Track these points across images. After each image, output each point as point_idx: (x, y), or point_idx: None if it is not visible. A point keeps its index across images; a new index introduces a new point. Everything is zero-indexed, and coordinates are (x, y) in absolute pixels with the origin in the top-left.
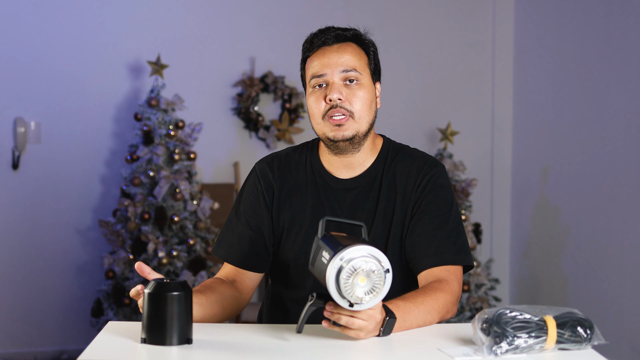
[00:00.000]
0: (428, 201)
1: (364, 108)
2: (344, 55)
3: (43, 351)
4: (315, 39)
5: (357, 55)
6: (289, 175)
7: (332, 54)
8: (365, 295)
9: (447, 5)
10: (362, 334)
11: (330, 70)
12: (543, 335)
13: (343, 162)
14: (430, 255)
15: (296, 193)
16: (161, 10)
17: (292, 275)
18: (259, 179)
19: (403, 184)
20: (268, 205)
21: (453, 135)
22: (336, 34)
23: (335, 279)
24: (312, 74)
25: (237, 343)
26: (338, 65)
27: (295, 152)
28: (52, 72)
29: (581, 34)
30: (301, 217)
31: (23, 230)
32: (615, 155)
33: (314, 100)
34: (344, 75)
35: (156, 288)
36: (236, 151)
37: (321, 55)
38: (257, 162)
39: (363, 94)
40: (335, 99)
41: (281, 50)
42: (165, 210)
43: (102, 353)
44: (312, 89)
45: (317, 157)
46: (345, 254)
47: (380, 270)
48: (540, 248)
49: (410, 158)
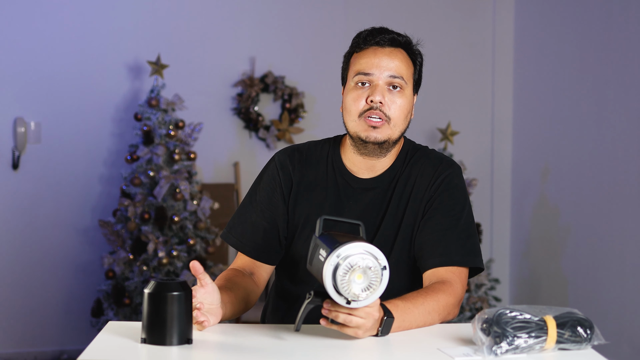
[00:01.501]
0: (441, 200)
1: (401, 116)
2: (395, 61)
3: (43, 351)
4: (369, 37)
5: (406, 63)
6: (309, 170)
7: (384, 56)
8: (362, 292)
9: (447, 5)
10: (360, 332)
11: (379, 71)
12: (543, 335)
13: (367, 163)
14: (437, 255)
15: (315, 189)
16: (161, 10)
17: (302, 271)
18: (278, 170)
19: (418, 182)
20: (285, 197)
21: (453, 135)
22: (391, 38)
23: (332, 276)
24: (358, 70)
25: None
26: (387, 69)
27: (317, 146)
28: (52, 72)
29: (581, 34)
30: (318, 214)
31: (23, 230)
32: (615, 155)
33: (354, 97)
34: (390, 80)
35: (156, 288)
36: (236, 151)
37: (372, 54)
38: (277, 152)
39: (403, 103)
40: (377, 101)
41: (281, 50)
42: (165, 210)
43: (102, 353)
44: (354, 85)
45: (339, 154)
46: (341, 250)
47: (377, 267)
48: (540, 248)
49: (426, 158)
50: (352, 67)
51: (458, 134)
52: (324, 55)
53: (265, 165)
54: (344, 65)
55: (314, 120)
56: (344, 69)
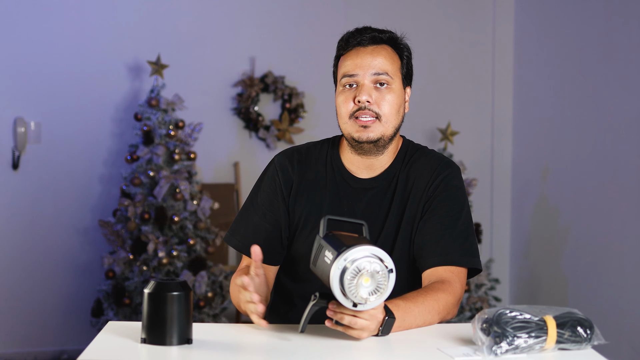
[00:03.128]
0: (439, 201)
1: (392, 112)
2: (377, 58)
3: (43, 351)
4: (351, 39)
5: (390, 58)
6: (308, 169)
7: (366, 55)
8: (370, 295)
9: (447, 5)
10: (364, 334)
11: (362, 71)
12: (543, 335)
13: (365, 162)
14: (436, 255)
15: (314, 188)
16: (161, 10)
17: (302, 269)
18: (278, 172)
19: (416, 182)
20: (285, 199)
21: (453, 135)
22: (372, 36)
23: (339, 280)
24: (343, 73)
25: (237, 343)
26: (370, 68)
27: (316, 147)
28: (52, 72)
29: (581, 34)
30: (317, 213)
31: (23, 230)
32: (615, 155)
33: (343, 100)
34: (375, 78)
35: (156, 288)
36: (236, 151)
37: (355, 55)
38: (277, 154)
39: (392, 98)
40: (363, 101)
41: (281, 50)
42: (165, 210)
43: (102, 353)
44: (342, 87)
45: (338, 154)
46: (349, 254)
47: (384, 271)
48: (540, 248)
49: (425, 158)
50: (339, 70)
51: (458, 134)
52: (324, 55)
53: (265, 168)
54: (333, 69)
55: (314, 120)
56: (334, 72)
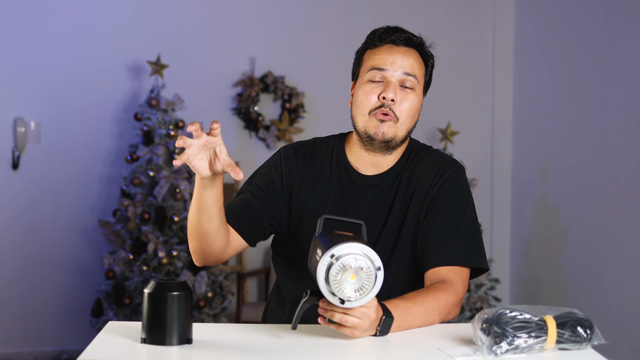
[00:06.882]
0: (444, 200)
1: (409, 115)
2: (409, 59)
3: (43, 351)
4: (385, 34)
5: (419, 63)
6: (314, 164)
7: (398, 54)
8: (354, 292)
9: (447, 5)
10: (356, 332)
11: (393, 68)
12: (543, 335)
13: (372, 160)
14: (439, 255)
15: (319, 183)
16: (161, 10)
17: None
18: (282, 160)
19: (420, 181)
20: (283, 189)
21: (453, 135)
22: (407, 37)
23: (324, 276)
24: (372, 65)
25: (237, 343)
26: (401, 67)
27: (323, 142)
28: (52, 72)
29: (581, 34)
30: (321, 209)
31: (23, 230)
32: (615, 155)
33: (366, 91)
34: (403, 77)
35: (156, 288)
36: (236, 151)
37: (387, 51)
38: (283, 146)
39: (413, 102)
40: (389, 99)
41: (281, 50)
42: (165, 210)
43: (102, 353)
44: (367, 80)
45: (344, 151)
46: (335, 250)
47: (370, 268)
48: (540, 248)
49: (430, 157)
50: (366, 63)
51: (458, 134)
52: (323, 55)
53: (270, 157)
54: (355, 62)
55: (314, 120)
56: (355, 65)
